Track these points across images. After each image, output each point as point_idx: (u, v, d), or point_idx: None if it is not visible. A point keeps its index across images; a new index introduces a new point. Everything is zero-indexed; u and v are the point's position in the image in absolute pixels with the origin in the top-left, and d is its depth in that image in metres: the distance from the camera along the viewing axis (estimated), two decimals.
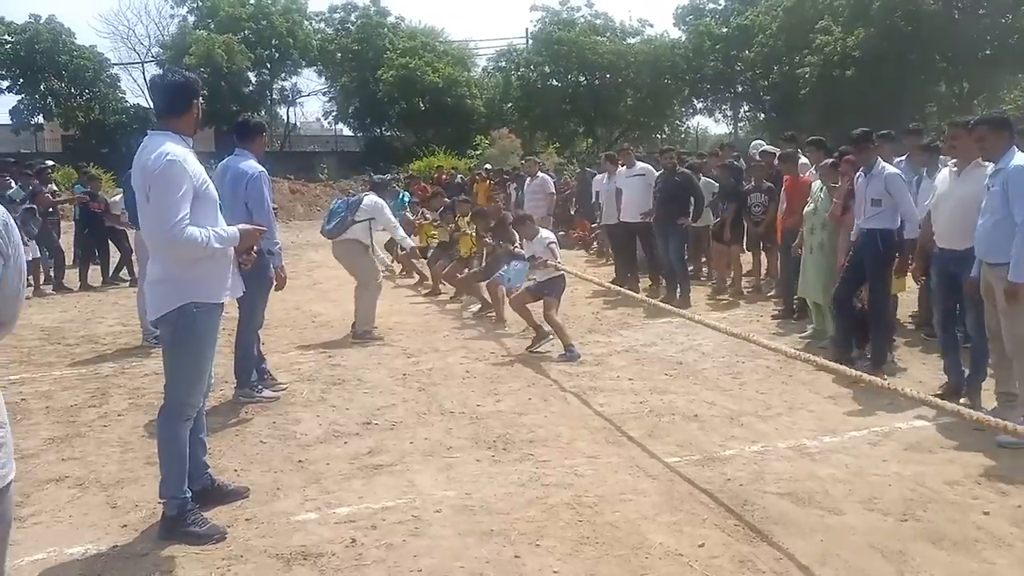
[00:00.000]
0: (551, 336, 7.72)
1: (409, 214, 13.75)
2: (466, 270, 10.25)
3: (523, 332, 8.41)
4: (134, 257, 11.12)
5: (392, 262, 12.40)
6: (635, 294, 6.84)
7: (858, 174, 6.84)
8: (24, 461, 4.97)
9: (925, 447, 4.94)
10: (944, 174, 5.89)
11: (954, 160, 5.78)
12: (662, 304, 6.22)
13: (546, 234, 8.16)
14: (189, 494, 3.96)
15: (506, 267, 8.51)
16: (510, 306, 8.32)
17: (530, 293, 7.95)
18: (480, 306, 9.79)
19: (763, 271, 10.75)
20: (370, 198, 8.61)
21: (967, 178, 5.58)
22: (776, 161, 9.35)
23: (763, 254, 10.43)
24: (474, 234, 10.29)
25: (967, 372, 5.80)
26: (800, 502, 4.18)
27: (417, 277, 12.46)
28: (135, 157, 3.80)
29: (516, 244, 8.71)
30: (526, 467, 4.74)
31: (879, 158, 6.68)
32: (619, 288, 7.64)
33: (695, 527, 3.93)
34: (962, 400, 5.53)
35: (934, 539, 3.75)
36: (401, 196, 15.87)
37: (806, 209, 7.73)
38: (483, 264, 10.04)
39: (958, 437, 5.08)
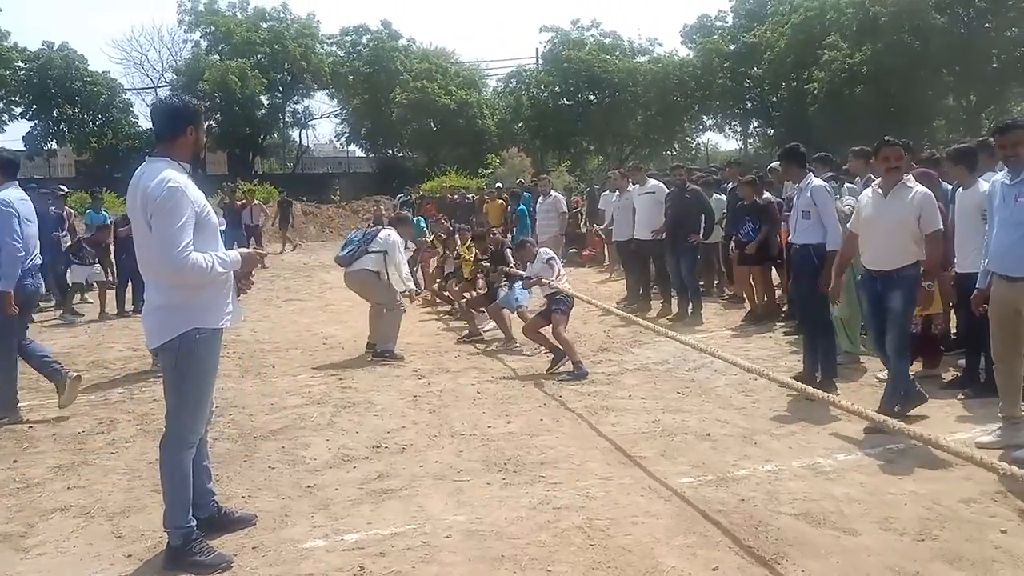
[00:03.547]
0: (567, 358, 7.66)
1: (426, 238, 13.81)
2: (473, 292, 10.25)
3: (535, 352, 8.37)
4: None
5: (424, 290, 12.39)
6: (635, 318, 6.76)
7: (794, 190, 6.88)
8: (29, 490, 4.96)
9: (940, 465, 4.84)
10: (868, 194, 5.80)
11: (878, 180, 5.74)
12: (659, 330, 6.14)
13: (544, 252, 8.26)
14: (194, 523, 3.91)
15: (510, 290, 8.55)
16: (524, 334, 8.27)
17: (542, 317, 7.94)
18: (468, 332, 9.64)
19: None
20: (385, 232, 8.70)
21: (893, 199, 5.55)
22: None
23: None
24: (473, 258, 10.33)
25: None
26: (815, 523, 4.10)
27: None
28: (132, 183, 3.78)
29: (512, 266, 8.74)
30: (537, 490, 4.68)
31: (810, 173, 6.74)
32: (622, 312, 7.55)
33: (709, 550, 3.86)
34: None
35: (951, 559, 3.67)
36: (417, 222, 16.03)
37: None
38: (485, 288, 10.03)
39: (973, 453, 4.98)
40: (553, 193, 14.60)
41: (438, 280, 11.84)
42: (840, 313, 7.41)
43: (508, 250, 9.68)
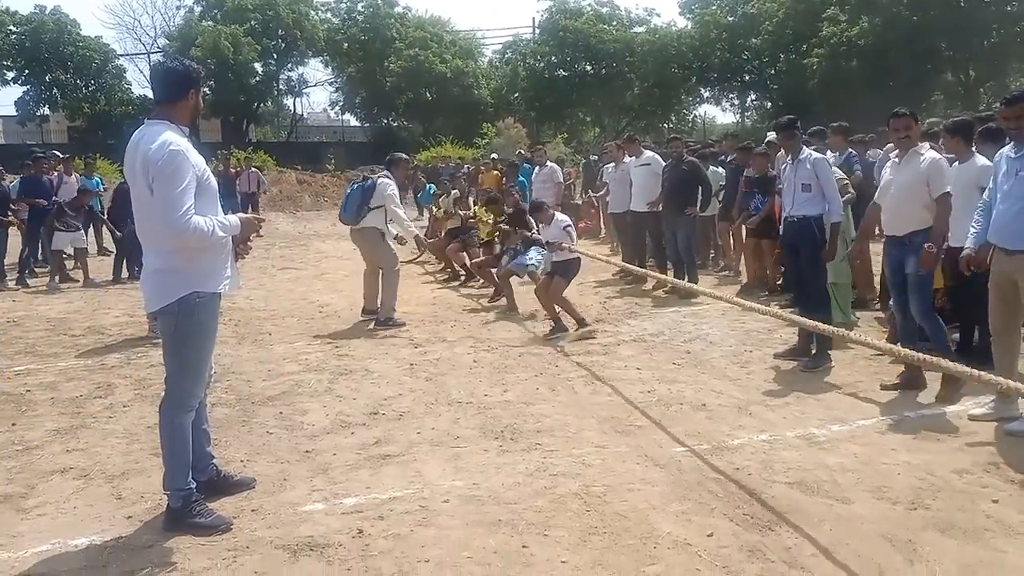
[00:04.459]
0: (567, 331, 7.83)
1: (434, 206, 13.89)
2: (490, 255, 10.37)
3: (532, 319, 8.41)
4: None
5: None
6: (664, 276, 6.81)
7: (784, 163, 6.87)
8: (28, 452, 4.97)
9: (933, 435, 4.89)
10: (889, 164, 5.93)
11: (896, 151, 5.83)
12: (699, 289, 6.20)
13: (561, 217, 8.36)
14: (193, 485, 3.94)
15: (526, 255, 8.63)
16: (544, 303, 8.21)
17: (547, 276, 8.10)
18: (494, 292, 9.82)
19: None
20: (383, 182, 8.62)
21: (905, 166, 5.67)
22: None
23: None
24: (491, 220, 10.32)
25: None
26: (809, 491, 4.15)
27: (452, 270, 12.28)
28: (131, 146, 3.76)
29: (533, 231, 8.76)
30: (534, 457, 4.72)
31: (803, 145, 6.77)
32: (644, 271, 7.57)
33: (704, 517, 3.90)
34: (941, 392, 5.55)
35: (943, 528, 3.71)
36: (428, 188, 16.11)
37: None
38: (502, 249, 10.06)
39: (965, 426, 5.04)
40: (549, 164, 14.69)
41: (447, 244, 11.75)
42: (835, 277, 7.44)
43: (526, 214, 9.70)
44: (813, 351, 6.54)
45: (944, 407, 5.40)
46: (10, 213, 11.98)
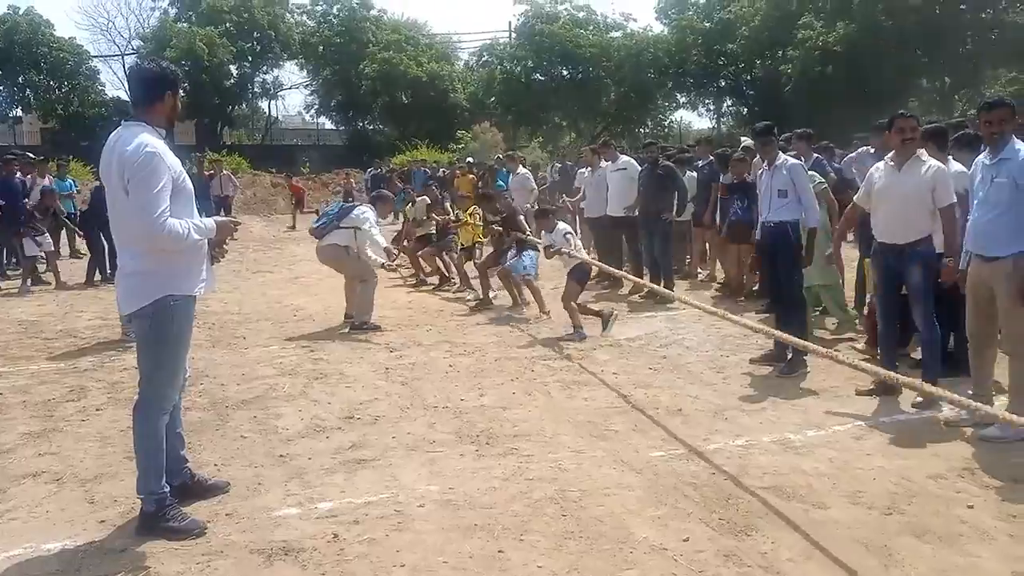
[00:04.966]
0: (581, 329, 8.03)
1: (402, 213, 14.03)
2: (474, 262, 10.49)
3: (511, 327, 8.40)
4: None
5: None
6: (641, 280, 6.84)
7: (761, 169, 6.91)
8: (0, 456, 4.89)
9: (909, 441, 4.94)
10: (880, 168, 5.82)
11: (891, 154, 5.74)
12: (675, 295, 6.22)
13: (563, 225, 8.57)
14: (167, 489, 3.90)
15: (521, 256, 8.80)
16: (565, 305, 8.26)
17: (571, 279, 8.28)
18: (482, 298, 9.88)
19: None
20: (361, 209, 8.75)
21: (907, 173, 5.55)
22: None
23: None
24: (478, 221, 10.35)
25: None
26: (785, 496, 4.17)
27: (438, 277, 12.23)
28: (107, 147, 3.73)
29: (527, 233, 8.88)
30: (510, 461, 4.71)
31: (779, 152, 6.81)
32: (625, 275, 7.61)
33: (680, 521, 3.91)
34: (918, 398, 5.55)
35: (918, 533, 3.75)
36: (402, 192, 16.22)
37: None
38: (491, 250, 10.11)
39: (941, 431, 5.10)
40: (521, 170, 14.86)
41: (419, 248, 11.76)
42: (824, 279, 7.50)
43: (521, 216, 9.75)
44: (789, 356, 6.57)
45: (920, 413, 5.45)
46: None
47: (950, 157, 6.08)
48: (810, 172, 7.57)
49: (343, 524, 3.93)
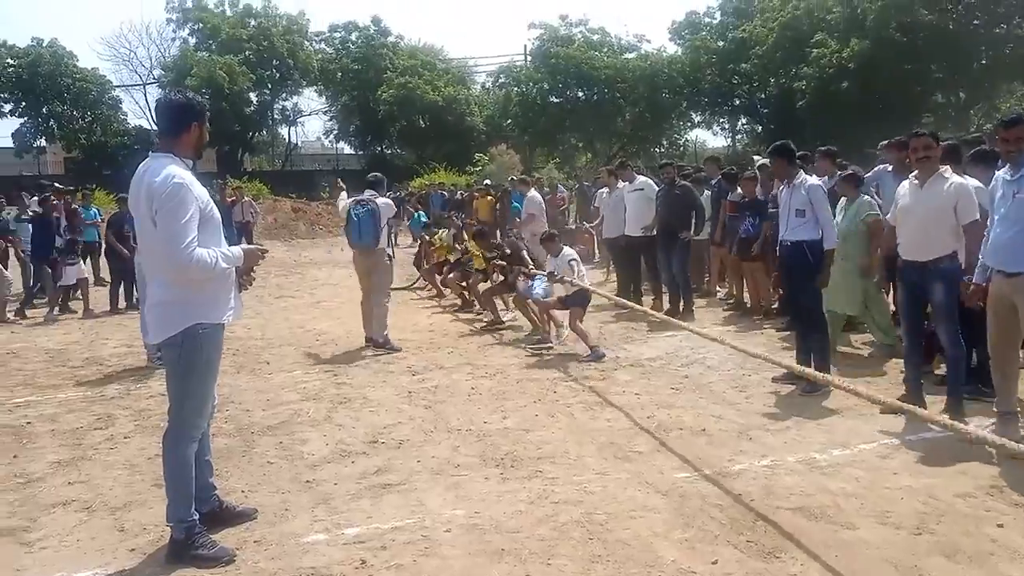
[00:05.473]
0: (553, 342, 8.50)
1: (424, 234, 14.25)
2: (489, 282, 10.57)
3: (532, 349, 8.42)
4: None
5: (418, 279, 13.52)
6: (642, 308, 6.83)
7: (781, 187, 6.92)
8: (31, 485, 4.96)
9: (935, 459, 4.90)
10: (905, 186, 5.82)
11: (915, 172, 5.73)
12: (672, 319, 6.21)
13: (568, 251, 8.73)
14: (197, 516, 3.93)
15: (531, 284, 8.93)
16: (537, 310, 8.90)
17: (560, 302, 8.57)
18: (491, 319, 10.04)
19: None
20: (382, 201, 8.79)
21: (929, 190, 5.55)
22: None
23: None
24: (481, 254, 10.44)
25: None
26: (812, 517, 4.15)
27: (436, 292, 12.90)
28: (136, 179, 3.79)
29: (530, 267, 9.16)
30: (535, 484, 4.71)
31: (801, 170, 6.78)
32: (628, 302, 7.63)
33: (708, 544, 3.90)
34: (944, 415, 5.49)
35: (949, 553, 3.72)
36: (417, 216, 16.41)
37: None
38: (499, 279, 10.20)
39: (967, 449, 5.03)
40: (530, 193, 14.89)
41: (447, 274, 11.93)
42: (850, 309, 7.52)
43: (525, 251, 9.94)
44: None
45: (945, 431, 5.39)
46: (8, 244, 12.09)
47: (965, 174, 6.06)
48: (865, 199, 7.57)
49: (370, 550, 3.94)
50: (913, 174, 5.78)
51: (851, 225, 7.44)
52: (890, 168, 8.17)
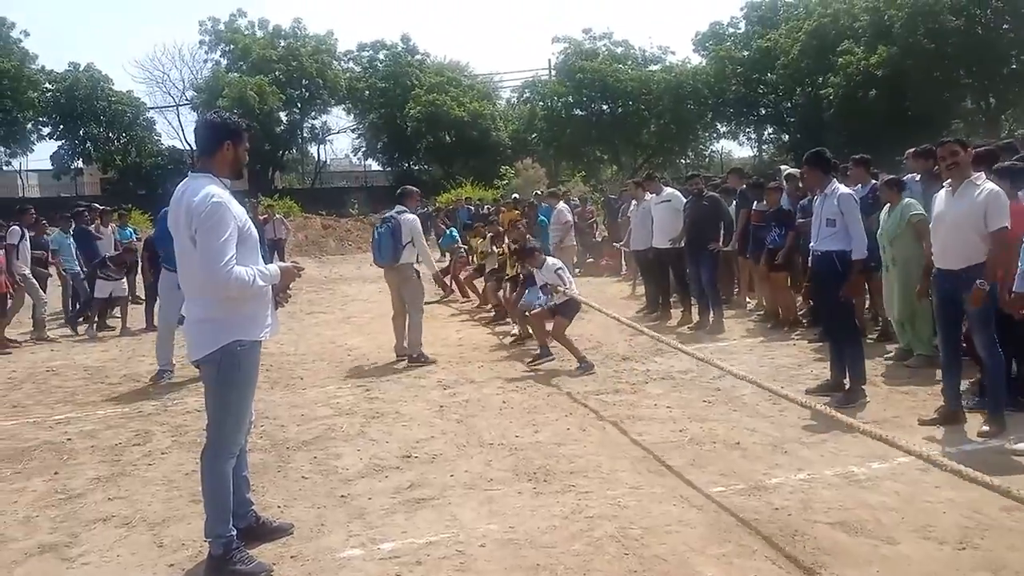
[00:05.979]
0: (552, 357, 8.46)
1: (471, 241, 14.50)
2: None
3: (562, 362, 8.41)
4: None
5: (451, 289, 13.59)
6: (645, 330, 6.76)
7: (815, 196, 6.86)
8: (71, 501, 5.02)
9: (977, 472, 4.81)
10: (941, 194, 5.77)
11: (948, 179, 5.69)
12: (672, 344, 6.19)
13: (552, 261, 8.65)
14: (234, 532, 3.96)
15: (530, 290, 8.99)
16: (531, 321, 8.82)
17: (549, 312, 8.50)
18: (521, 332, 9.95)
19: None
20: (406, 217, 8.81)
21: (960, 197, 5.50)
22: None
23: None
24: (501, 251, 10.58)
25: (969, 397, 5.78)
26: (852, 531, 4.09)
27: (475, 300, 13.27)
28: (174, 199, 3.85)
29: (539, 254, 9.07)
30: (568, 499, 4.70)
31: (833, 179, 6.68)
32: (629, 323, 7.50)
33: (745, 559, 3.86)
34: (984, 428, 5.46)
35: (995, 568, 3.65)
36: (449, 232, 16.61)
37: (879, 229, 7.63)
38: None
39: (1010, 462, 4.96)
40: (560, 205, 14.84)
41: (483, 283, 12.13)
42: (892, 314, 7.45)
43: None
44: (847, 386, 6.48)
45: (987, 442, 5.32)
46: (51, 265, 12.37)
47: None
48: (908, 200, 7.49)
49: (406, 565, 3.95)
50: (947, 181, 5.72)
51: (896, 228, 7.37)
52: (917, 177, 8.10)
